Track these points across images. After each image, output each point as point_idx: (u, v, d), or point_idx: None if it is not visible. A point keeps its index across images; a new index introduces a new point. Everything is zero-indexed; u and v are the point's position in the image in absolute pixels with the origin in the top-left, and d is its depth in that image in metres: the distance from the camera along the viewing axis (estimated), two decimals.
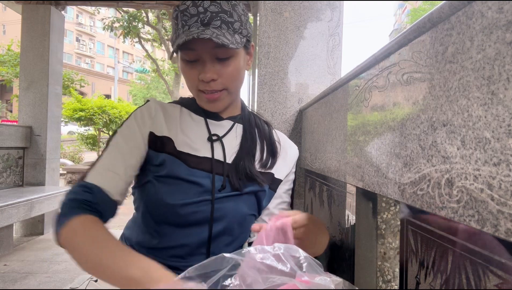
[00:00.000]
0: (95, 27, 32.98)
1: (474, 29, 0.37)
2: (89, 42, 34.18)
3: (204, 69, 0.70)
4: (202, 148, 0.76)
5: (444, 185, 0.42)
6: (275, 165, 0.82)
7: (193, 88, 0.74)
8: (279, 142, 0.85)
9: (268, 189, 0.80)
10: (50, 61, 3.20)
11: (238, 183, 0.74)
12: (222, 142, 0.77)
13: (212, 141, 0.76)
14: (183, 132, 0.76)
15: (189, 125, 0.78)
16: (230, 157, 0.77)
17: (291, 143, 0.89)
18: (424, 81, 0.47)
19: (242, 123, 0.82)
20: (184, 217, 0.71)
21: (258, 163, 0.79)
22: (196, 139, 0.76)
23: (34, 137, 3.17)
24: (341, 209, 1.03)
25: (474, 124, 0.37)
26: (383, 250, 0.73)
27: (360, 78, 0.74)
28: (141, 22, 8.89)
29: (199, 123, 0.79)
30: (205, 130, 0.78)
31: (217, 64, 0.71)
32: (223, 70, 0.71)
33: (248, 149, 0.78)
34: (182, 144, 0.74)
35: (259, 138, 0.82)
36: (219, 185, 0.74)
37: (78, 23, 32.48)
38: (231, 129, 0.80)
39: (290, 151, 0.86)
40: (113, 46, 32.45)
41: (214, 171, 0.74)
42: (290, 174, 0.86)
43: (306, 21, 1.61)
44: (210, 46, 0.68)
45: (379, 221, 0.73)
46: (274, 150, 0.82)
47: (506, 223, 0.32)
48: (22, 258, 2.59)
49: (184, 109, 0.81)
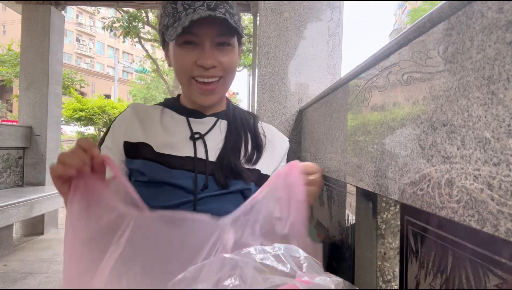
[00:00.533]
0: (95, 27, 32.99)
1: (474, 29, 0.37)
2: (89, 42, 34.20)
3: (204, 55, 0.69)
4: (184, 147, 0.74)
5: (444, 185, 0.42)
6: (260, 159, 0.78)
7: (186, 76, 0.72)
8: (264, 135, 0.82)
9: (254, 186, 0.77)
10: (50, 61, 3.20)
11: (224, 181, 0.72)
12: (204, 140, 0.76)
13: (194, 140, 0.75)
14: (164, 134, 0.76)
15: (171, 126, 0.77)
16: (214, 154, 0.75)
17: (280, 135, 0.86)
18: (424, 81, 0.47)
19: (226, 119, 0.81)
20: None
21: (243, 158, 0.77)
22: (178, 139, 0.75)
23: (34, 137, 3.17)
24: (341, 209, 1.03)
25: (474, 124, 0.37)
26: (383, 250, 0.73)
27: (360, 78, 0.74)
28: (141, 22, 8.90)
29: (181, 123, 0.78)
30: (187, 129, 0.77)
31: (216, 51, 0.70)
32: (222, 57, 0.71)
33: (233, 144, 0.76)
34: (162, 146, 0.74)
35: (243, 132, 0.80)
36: (202, 184, 0.72)
37: (78, 23, 32.49)
38: (214, 126, 0.79)
39: (278, 144, 0.83)
40: (113, 46, 32.47)
41: (196, 170, 0.73)
42: (279, 168, 0.81)
43: (306, 21, 1.61)
44: (213, 33, 0.69)
45: (379, 221, 0.73)
46: (259, 144, 0.79)
47: (506, 223, 0.32)
48: (22, 258, 2.59)
49: (166, 110, 0.80)
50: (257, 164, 0.78)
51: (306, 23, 1.61)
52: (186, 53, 0.71)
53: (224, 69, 0.72)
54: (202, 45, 0.70)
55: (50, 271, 2.35)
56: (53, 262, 2.53)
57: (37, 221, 3.20)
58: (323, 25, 1.62)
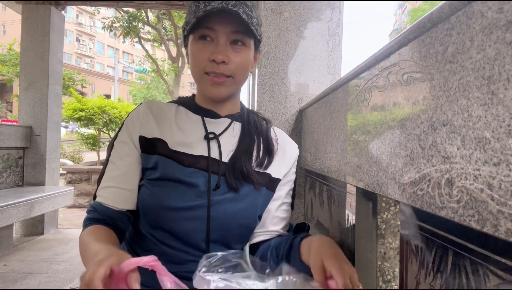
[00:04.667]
0: (95, 27, 32.99)
1: (474, 29, 0.37)
2: (89, 42, 34.19)
3: (217, 50, 0.70)
4: (199, 146, 0.75)
5: (444, 185, 0.42)
6: (271, 164, 0.79)
7: (199, 70, 0.73)
8: (276, 141, 0.82)
9: (265, 190, 0.78)
10: (50, 61, 3.21)
11: (235, 183, 0.73)
12: (219, 140, 0.77)
13: (208, 140, 0.76)
14: (178, 131, 0.76)
15: (185, 124, 0.77)
16: (227, 155, 0.76)
17: (291, 142, 0.87)
18: (424, 81, 0.47)
19: (240, 121, 0.81)
20: (179, 223, 0.71)
21: (255, 162, 0.78)
22: (192, 138, 0.76)
23: (34, 137, 3.17)
24: (341, 209, 1.03)
25: (474, 124, 0.37)
26: (383, 250, 0.73)
27: (360, 78, 0.74)
28: (141, 22, 8.90)
29: (196, 122, 0.78)
30: (202, 129, 0.77)
31: (230, 49, 0.71)
32: (235, 56, 0.71)
33: (245, 147, 0.77)
34: (176, 144, 0.74)
35: (256, 136, 0.81)
36: (214, 184, 0.73)
37: (78, 23, 32.48)
38: (228, 127, 0.79)
39: (289, 150, 0.84)
40: (113, 46, 32.46)
41: (210, 169, 0.73)
42: (290, 174, 0.83)
43: (306, 21, 1.61)
44: (228, 28, 0.70)
45: (379, 221, 0.73)
46: (270, 148, 0.80)
47: (506, 223, 0.32)
48: (22, 258, 2.59)
49: (181, 108, 0.81)
50: (268, 168, 0.79)
51: (306, 23, 1.61)
52: (201, 48, 0.71)
53: (234, 68, 0.72)
54: (217, 41, 0.71)
55: (50, 271, 2.35)
56: (53, 262, 2.53)
57: (37, 221, 3.20)
58: (323, 25, 1.62)
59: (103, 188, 0.74)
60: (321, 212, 1.25)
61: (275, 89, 1.60)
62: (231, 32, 0.70)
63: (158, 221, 0.71)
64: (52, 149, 3.28)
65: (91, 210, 0.73)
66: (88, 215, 0.73)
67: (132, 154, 0.75)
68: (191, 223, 0.71)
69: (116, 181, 0.73)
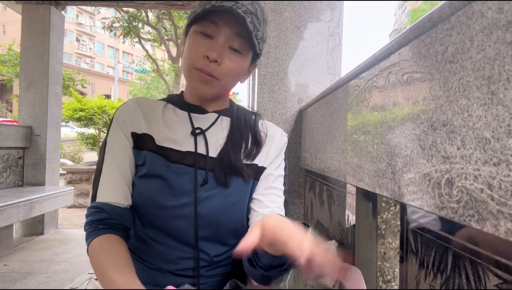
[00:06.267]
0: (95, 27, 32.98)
1: (474, 29, 0.37)
2: (89, 42, 34.19)
3: (214, 47, 0.69)
4: (185, 142, 0.75)
5: (444, 185, 0.42)
6: (259, 155, 0.78)
7: (190, 64, 0.71)
8: (265, 133, 0.81)
9: (254, 181, 0.77)
10: (50, 61, 3.20)
11: (223, 177, 0.72)
12: (205, 135, 0.76)
13: (195, 135, 0.75)
14: (165, 128, 0.76)
15: (172, 120, 0.77)
16: (215, 150, 0.75)
17: (279, 131, 0.85)
18: (424, 81, 0.47)
19: (229, 116, 0.81)
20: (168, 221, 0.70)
21: (243, 154, 0.77)
22: (179, 134, 0.75)
23: (34, 137, 3.17)
24: (341, 209, 1.03)
25: (474, 124, 0.37)
26: (383, 250, 0.73)
27: (360, 78, 0.74)
28: (141, 22, 8.90)
29: (182, 118, 0.78)
30: (189, 124, 0.77)
31: (226, 52, 0.71)
32: (229, 60, 0.71)
33: (235, 141, 0.77)
34: (163, 139, 0.74)
35: (245, 130, 0.80)
36: (202, 180, 0.72)
37: (78, 23, 32.48)
38: (215, 122, 0.79)
39: (276, 138, 0.82)
40: (113, 46, 32.46)
41: (196, 165, 0.73)
42: (277, 160, 0.80)
43: (306, 21, 1.61)
44: (231, 31, 0.69)
45: (379, 221, 0.73)
46: (258, 140, 0.79)
47: (506, 223, 0.32)
48: (22, 258, 2.59)
49: (169, 105, 0.81)
50: (256, 159, 0.78)
51: (306, 23, 1.61)
52: (199, 43, 0.70)
53: (225, 71, 0.71)
54: (216, 39, 0.70)
55: (50, 271, 2.35)
56: (53, 262, 2.53)
57: (37, 221, 3.20)
58: (323, 25, 1.62)
59: (106, 187, 0.72)
60: (321, 212, 1.25)
61: (275, 89, 1.60)
62: (232, 34, 0.69)
63: (148, 219, 0.72)
64: (52, 149, 3.27)
65: (98, 211, 0.69)
66: (95, 217, 0.69)
67: (128, 147, 0.75)
68: (179, 221, 0.70)
69: (118, 177, 0.72)
